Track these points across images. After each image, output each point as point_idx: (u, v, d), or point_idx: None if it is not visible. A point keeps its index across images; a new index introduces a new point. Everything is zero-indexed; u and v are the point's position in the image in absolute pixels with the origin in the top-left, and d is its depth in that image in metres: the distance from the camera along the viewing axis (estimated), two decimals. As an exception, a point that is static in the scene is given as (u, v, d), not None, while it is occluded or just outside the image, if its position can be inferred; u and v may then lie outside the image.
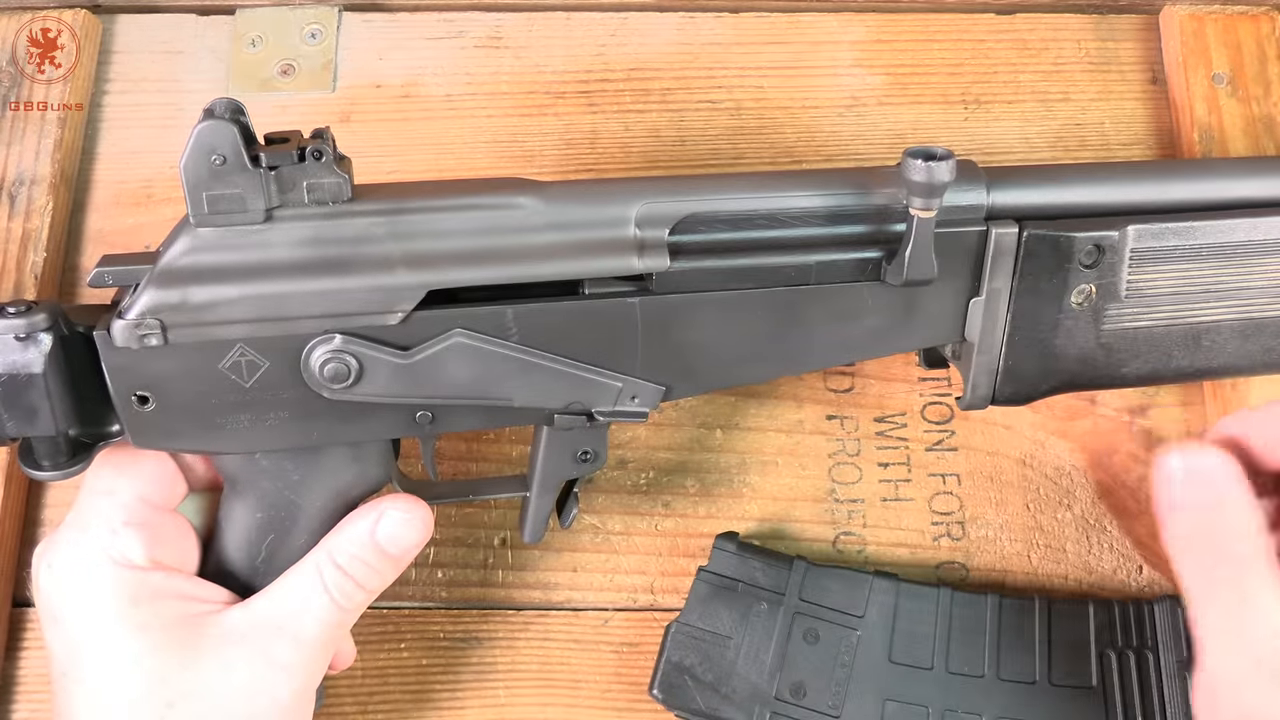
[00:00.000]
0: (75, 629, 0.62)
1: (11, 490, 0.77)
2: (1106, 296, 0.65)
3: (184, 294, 0.58)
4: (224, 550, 0.67)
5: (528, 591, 0.80)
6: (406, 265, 0.60)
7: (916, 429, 0.82)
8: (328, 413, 0.62)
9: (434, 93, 0.87)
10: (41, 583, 0.63)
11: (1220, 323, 0.67)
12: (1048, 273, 0.64)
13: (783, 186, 0.63)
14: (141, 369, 0.60)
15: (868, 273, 0.64)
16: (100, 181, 0.86)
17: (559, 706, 0.78)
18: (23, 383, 0.58)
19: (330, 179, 0.59)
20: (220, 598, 0.65)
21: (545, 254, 0.61)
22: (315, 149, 0.58)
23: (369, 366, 0.60)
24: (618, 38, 0.89)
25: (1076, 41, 0.89)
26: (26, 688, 0.78)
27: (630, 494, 0.81)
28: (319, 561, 0.65)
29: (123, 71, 0.88)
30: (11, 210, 0.81)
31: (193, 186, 0.57)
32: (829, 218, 0.63)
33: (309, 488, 0.65)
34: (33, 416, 0.59)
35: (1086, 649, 0.71)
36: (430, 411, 0.64)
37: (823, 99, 0.88)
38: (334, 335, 0.60)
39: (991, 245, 0.63)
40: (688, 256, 0.62)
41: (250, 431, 0.62)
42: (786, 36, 0.89)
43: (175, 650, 0.62)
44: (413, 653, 0.79)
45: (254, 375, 0.61)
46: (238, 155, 0.57)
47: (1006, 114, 0.88)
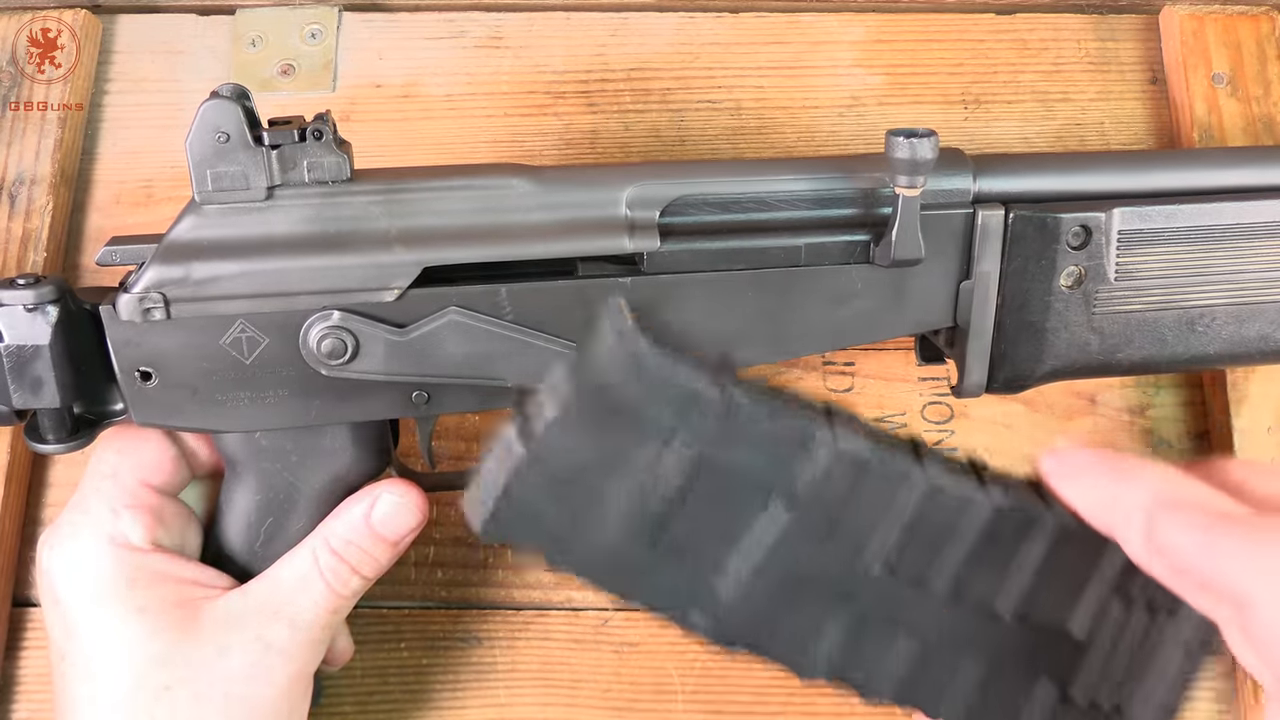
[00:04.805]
0: (74, 610, 0.65)
1: (11, 489, 0.80)
2: (1096, 279, 0.67)
3: (187, 269, 0.62)
4: (224, 534, 0.70)
5: (528, 591, 0.82)
6: (403, 243, 0.64)
7: (916, 429, 0.84)
8: (326, 390, 0.66)
9: (434, 93, 0.90)
10: (43, 563, 0.66)
11: (1213, 307, 0.69)
12: (1035, 254, 0.67)
13: (771, 171, 0.67)
14: (145, 344, 0.63)
15: (856, 255, 0.67)
16: (100, 181, 0.88)
17: (559, 706, 0.80)
18: (30, 354, 0.62)
19: (330, 158, 0.63)
20: (219, 582, 0.68)
21: (538, 234, 0.65)
22: (315, 129, 0.62)
23: (365, 343, 0.64)
24: (618, 38, 0.91)
25: (1076, 41, 0.91)
26: (26, 688, 0.80)
27: (630, 494, 0.83)
28: (315, 546, 0.67)
29: (123, 71, 0.90)
30: (11, 210, 0.83)
31: (197, 164, 0.61)
32: (816, 201, 0.67)
33: (308, 470, 0.68)
34: (38, 388, 0.62)
35: (1088, 589, 0.54)
36: (426, 391, 0.67)
37: (823, 99, 0.90)
38: (332, 312, 0.63)
39: (978, 228, 0.66)
40: (678, 238, 0.66)
41: (250, 409, 0.66)
42: (786, 36, 0.91)
43: (173, 633, 0.64)
44: (413, 652, 0.81)
45: (254, 351, 0.64)
46: (241, 133, 0.61)
47: (1006, 114, 0.89)
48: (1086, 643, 0.54)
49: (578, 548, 0.52)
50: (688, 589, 0.53)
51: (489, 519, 0.52)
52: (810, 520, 0.53)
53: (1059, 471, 0.53)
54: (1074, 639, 0.54)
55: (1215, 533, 0.46)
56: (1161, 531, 0.48)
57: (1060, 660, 0.55)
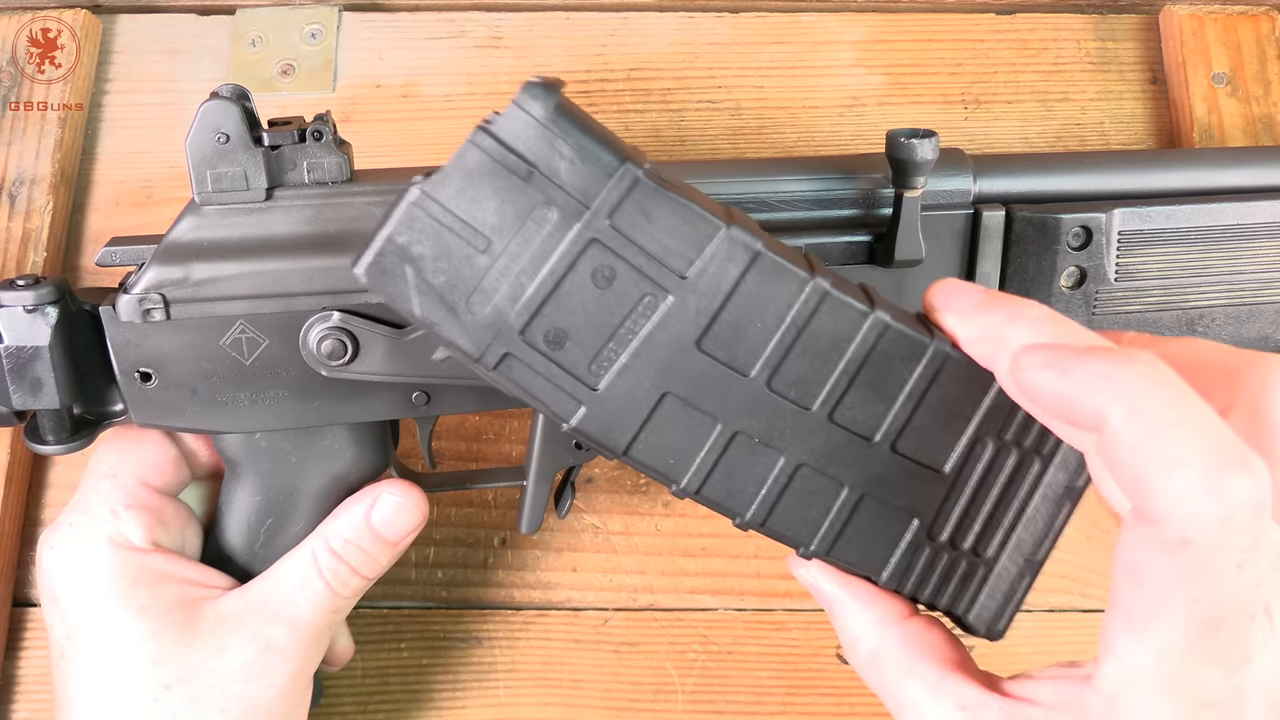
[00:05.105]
0: (74, 610, 0.65)
1: (11, 490, 0.80)
2: (1096, 279, 0.68)
3: (187, 270, 0.62)
4: (224, 534, 0.70)
5: (528, 591, 0.82)
6: None
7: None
8: (325, 391, 0.66)
9: (434, 93, 0.90)
10: (43, 563, 0.66)
11: (1213, 308, 0.69)
12: (1036, 255, 0.67)
13: (771, 172, 0.67)
14: (144, 345, 0.64)
15: (857, 256, 0.67)
16: (100, 181, 0.88)
17: (559, 706, 0.80)
18: (29, 355, 0.62)
19: (331, 158, 0.63)
20: (219, 583, 0.68)
21: None
22: (315, 129, 0.62)
23: (365, 343, 0.64)
24: (618, 38, 0.91)
25: (1076, 41, 0.91)
26: (26, 688, 0.80)
27: (630, 494, 0.83)
28: (315, 547, 0.67)
29: (123, 71, 0.90)
30: (11, 210, 0.83)
31: (197, 164, 0.61)
32: (817, 202, 0.67)
33: (307, 470, 0.68)
34: (38, 389, 0.63)
35: (962, 426, 0.55)
36: (425, 392, 0.67)
37: (823, 99, 0.90)
38: (331, 312, 0.63)
39: (979, 228, 0.67)
40: None
41: (250, 410, 0.66)
42: (786, 36, 0.91)
43: (172, 633, 0.64)
44: (413, 652, 0.81)
45: (254, 352, 0.64)
46: (241, 134, 0.61)
47: (1006, 114, 0.90)
48: (952, 479, 0.56)
49: (455, 306, 0.54)
50: (565, 373, 0.55)
51: (374, 259, 0.53)
52: (694, 307, 0.54)
53: (945, 304, 0.55)
54: (942, 474, 0.56)
55: (1073, 364, 0.47)
56: (1024, 369, 0.49)
57: (926, 495, 0.56)
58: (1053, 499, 0.56)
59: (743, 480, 0.56)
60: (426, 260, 0.53)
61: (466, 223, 0.52)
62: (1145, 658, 0.46)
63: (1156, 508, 0.44)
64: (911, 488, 0.56)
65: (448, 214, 0.52)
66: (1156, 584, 0.45)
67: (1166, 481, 0.44)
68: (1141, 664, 0.46)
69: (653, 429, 0.55)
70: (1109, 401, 0.45)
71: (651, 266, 0.53)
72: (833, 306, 0.54)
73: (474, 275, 0.53)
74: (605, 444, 0.55)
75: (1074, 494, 0.56)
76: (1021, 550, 0.57)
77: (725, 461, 0.56)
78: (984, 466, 0.56)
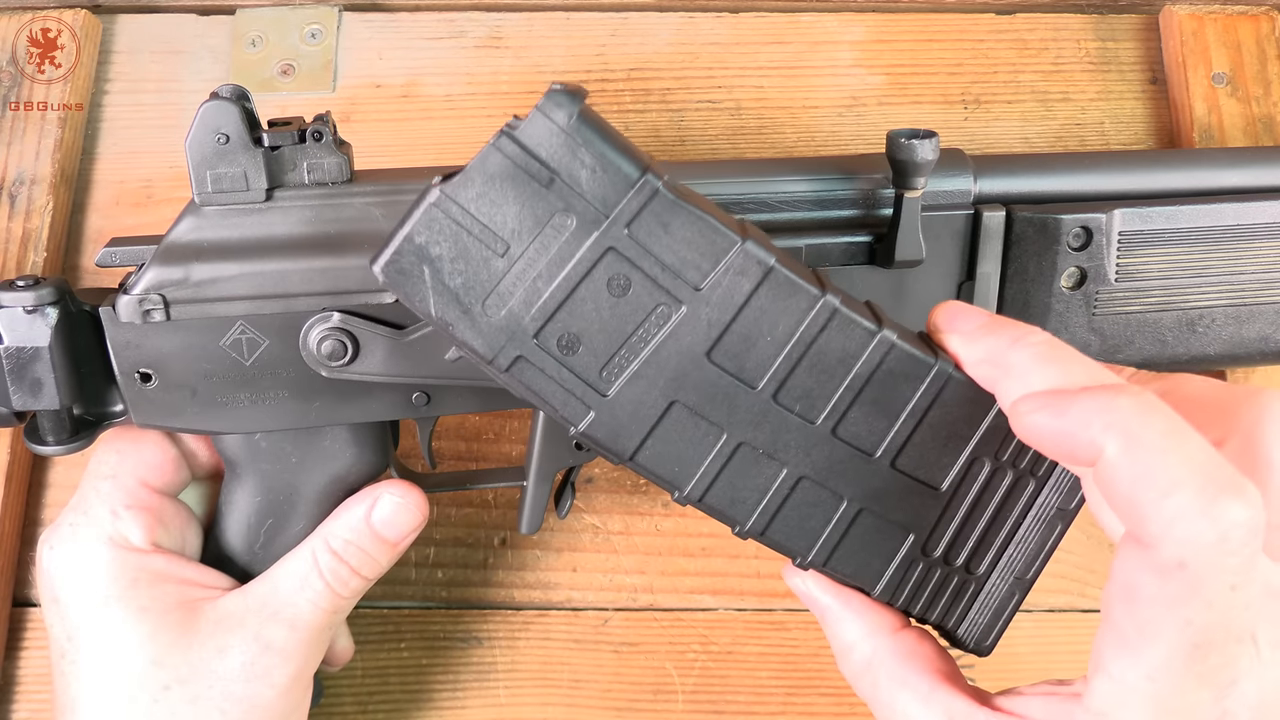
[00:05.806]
0: (74, 610, 0.65)
1: (11, 490, 0.80)
2: (1097, 280, 0.68)
3: (187, 270, 0.62)
4: (224, 535, 0.70)
5: (528, 591, 0.82)
6: None
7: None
8: (326, 392, 0.66)
9: (434, 93, 0.90)
10: (43, 563, 0.66)
11: (1213, 308, 0.70)
12: (1036, 256, 0.67)
13: (771, 172, 0.67)
14: (144, 345, 0.64)
15: (857, 257, 0.67)
16: (100, 181, 0.88)
17: (559, 706, 0.80)
18: (29, 356, 0.62)
19: (331, 159, 0.63)
20: (219, 583, 0.68)
21: None
22: (315, 130, 0.62)
23: (365, 344, 0.64)
24: (618, 38, 0.91)
25: (1076, 41, 0.91)
26: (26, 688, 0.80)
27: (630, 494, 0.83)
28: (315, 547, 0.68)
29: (123, 71, 0.90)
30: (11, 210, 0.83)
31: (196, 165, 0.61)
32: (817, 202, 0.67)
33: (307, 471, 0.68)
34: (38, 390, 0.63)
35: (960, 446, 0.57)
36: (426, 392, 0.67)
37: (823, 99, 0.90)
38: (331, 313, 0.63)
39: (979, 229, 0.67)
40: None
41: (250, 410, 0.66)
42: (786, 36, 0.91)
43: (172, 634, 0.64)
44: (413, 653, 0.81)
45: (254, 353, 0.64)
46: (241, 134, 0.61)
47: (1006, 114, 0.90)
48: (949, 497, 0.57)
49: (470, 307, 0.54)
50: (576, 379, 0.56)
51: (391, 258, 0.54)
52: (706, 319, 0.55)
53: (950, 326, 0.56)
54: (939, 492, 0.57)
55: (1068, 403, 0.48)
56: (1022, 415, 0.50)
57: (923, 511, 0.58)
58: (1046, 520, 0.58)
59: (745, 490, 0.57)
60: (444, 261, 0.54)
61: (486, 225, 0.53)
62: (1137, 677, 0.47)
63: (1153, 531, 0.45)
64: (909, 504, 0.57)
65: (467, 216, 0.53)
66: (1150, 605, 0.46)
67: (1163, 505, 0.45)
68: (1133, 683, 0.47)
69: (659, 436, 0.56)
70: (1104, 433, 0.46)
71: (666, 277, 0.54)
72: (841, 324, 0.55)
73: (491, 278, 0.54)
74: (612, 449, 0.56)
75: (1067, 516, 0.58)
76: (1013, 569, 0.58)
77: (729, 471, 0.57)
78: (980, 486, 0.57)
